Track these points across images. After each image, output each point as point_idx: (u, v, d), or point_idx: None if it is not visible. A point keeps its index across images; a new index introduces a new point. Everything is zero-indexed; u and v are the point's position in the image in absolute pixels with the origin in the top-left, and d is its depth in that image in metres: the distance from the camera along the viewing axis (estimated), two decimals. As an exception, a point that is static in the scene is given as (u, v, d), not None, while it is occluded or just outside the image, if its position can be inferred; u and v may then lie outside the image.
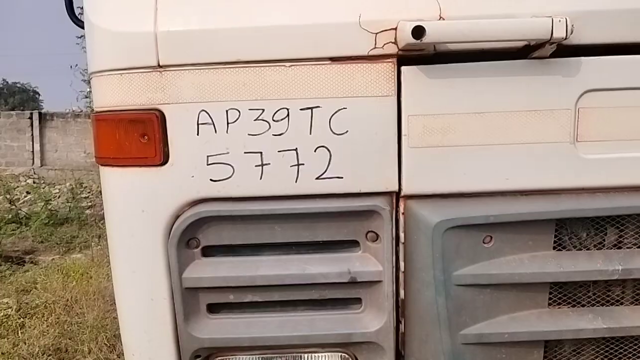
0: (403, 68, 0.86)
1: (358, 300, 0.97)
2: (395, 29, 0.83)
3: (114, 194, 0.97)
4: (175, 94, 0.89)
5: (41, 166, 15.60)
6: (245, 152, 0.90)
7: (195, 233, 0.94)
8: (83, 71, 17.56)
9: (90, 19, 0.93)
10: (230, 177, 0.91)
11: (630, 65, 0.85)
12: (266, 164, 0.89)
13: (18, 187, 12.54)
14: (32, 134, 15.15)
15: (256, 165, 0.90)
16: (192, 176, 0.91)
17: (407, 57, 0.86)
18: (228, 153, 0.90)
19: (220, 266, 0.95)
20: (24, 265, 6.87)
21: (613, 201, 0.90)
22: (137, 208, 0.94)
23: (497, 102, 0.87)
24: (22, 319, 4.63)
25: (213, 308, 0.98)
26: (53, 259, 7.30)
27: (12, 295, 5.32)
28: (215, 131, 0.89)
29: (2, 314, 4.71)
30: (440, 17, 0.83)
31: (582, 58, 0.86)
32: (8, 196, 9.39)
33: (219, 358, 0.99)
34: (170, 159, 0.91)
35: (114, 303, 1.28)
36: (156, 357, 0.98)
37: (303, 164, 0.90)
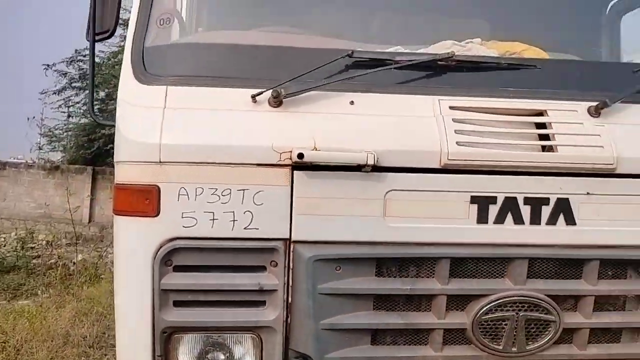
0: (295, 171, 1.60)
1: (264, 302, 1.65)
2: (290, 152, 1.58)
3: (124, 232, 1.64)
4: (167, 177, 1.58)
5: (-14, 214, 15.42)
6: (204, 212, 1.60)
7: (170, 257, 1.61)
8: (41, 125, 17.85)
9: (121, 130, 1.64)
10: (194, 225, 1.60)
11: (405, 179, 1.62)
12: (216, 219, 1.59)
13: (-37, 233, 12.42)
14: (-19, 182, 15.05)
15: (209, 219, 1.60)
16: (172, 224, 1.60)
17: (296, 166, 1.60)
18: (194, 212, 1.60)
19: (184, 278, 1.63)
20: (-30, 309, 7.01)
21: (406, 249, 1.65)
22: (138, 240, 1.61)
23: (342, 192, 1.62)
24: (-27, 356, 4.93)
25: (176, 303, 1.64)
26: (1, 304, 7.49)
27: (-37, 336, 5.55)
28: (188, 199, 1.59)
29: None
30: (315, 148, 1.58)
31: (388, 173, 1.62)
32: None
33: (177, 334, 1.65)
34: (161, 213, 1.59)
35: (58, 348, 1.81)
36: (140, 332, 1.62)
37: (237, 220, 1.60)
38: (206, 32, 2.05)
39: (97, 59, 14.56)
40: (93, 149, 14.50)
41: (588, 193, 1.66)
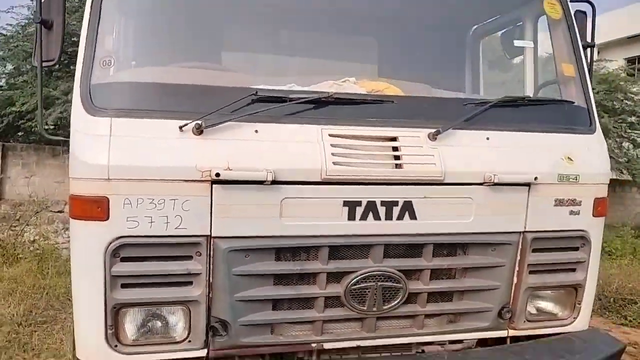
0: (213, 185, 2.14)
1: (191, 282, 2.20)
2: (210, 171, 2.12)
3: (81, 232, 2.12)
4: (115, 191, 2.07)
5: None
6: (144, 216, 2.11)
7: (118, 251, 2.11)
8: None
9: (77, 154, 2.10)
10: (136, 227, 2.11)
11: (296, 189, 2.22)
12: (153, 222, 2.11)
13: None
14: None
15: (148, 222, 2.11)
16: (119, 226, 2.10)
17: (215, 181, 2.14)
18: (136, 216, 2.10)
19: (129, 266, 2.14)
20: None
21: (296, 241, 2.26)
22: (92, 238, 2.10)
23: (249, 200, 2.19)
24: None
25: (123, 285, 2.15)
26: None
27: None
28: (131, 207, 2.09)
29: None
30: (228, 168, 2.13)
31: (283, 185, 2.21)
32: None
33: (124, 309, 2.17)
34: (110, 217, 2.09)
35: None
36: (95, 309, 2.12)
37: (169, 222, 2.13)
38: (145, 68, 2.49)
39: (5, 32, 13.92)
40: (3, 124, 13.91)
41: (425, 197, 2.34)
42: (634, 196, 17.52)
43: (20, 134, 15.50)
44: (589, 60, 3.00)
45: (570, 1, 2.96)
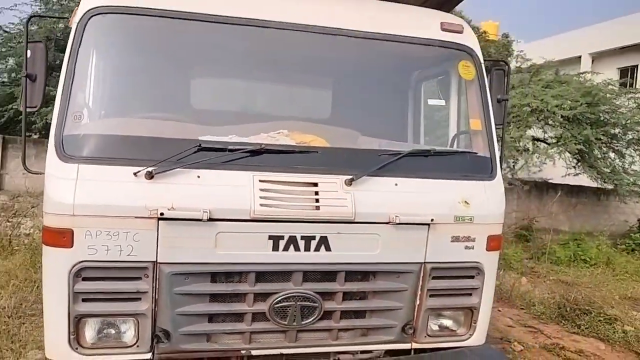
0: (160, 221, 2.63)
1: (140, 298, 2.69)
2: (157, 210, 2.60)
3: (49, 257, 2.62)
4: (78, 224, 2.56)
5: None
6: (101, 245, 2.60)
7: (80, 272, 2.59)
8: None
9: (49, 193, 2.59)
10: (95, 253, 2.59)
11: (229, 225, 2.71)
12: (109, 250, 2.60)
13: None
14: None
15: (105, 250, 2.59)
16: (81, 252, 2.59)
17: (160, 218, 2.63)
18: (95, 245, 2.59)
19: (89, 285, 2.63)
20: None
21: (228, 267, 2.75)
22: (59, 262, 2.60)
23: (189, 233, 2.68)
24: None
25: (84, 299, 2.64)
26: None
27: None
28: (92, 237, 2.58)
29: None
30: (172, 208, 2.62)
31: (218, 222, 2.70)
32: None
33: (84, 319, 2.66)
34: (74, 245, 2.58)
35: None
36: (60, 319, 2.62)
37: (123, 250, 2.61)
38: (108, 121, 2.98)
39: (7, 30, 14.39)
40: (4, 118, 14.44)
41: (339, 232, 2.83)
42: (618, 205, 18.01)
43: (19, 128, 15.94)
44: (504, 112, 3.47)
45: (489, 60, 3.44)
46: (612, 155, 16.06)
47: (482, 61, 3.32)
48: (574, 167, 16.25)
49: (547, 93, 14.24)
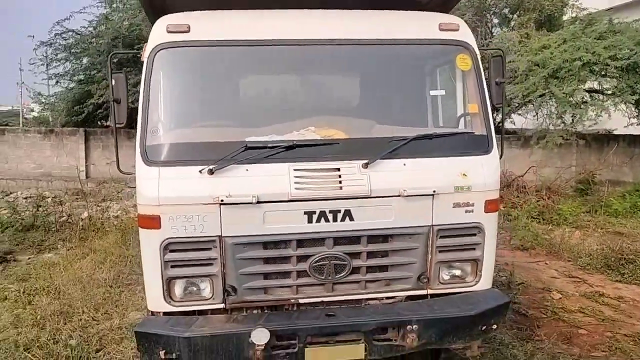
0: (221, 206, 3.48)
1: (212, 263, 3.57)
2: (219, 197, 3.47)
3: (145, 236, 3.56)
4: (163, 211, 3.47)
5: (-8, 175, 17.08)
6: (181, 225, 3.49)
7: (167, 246, 3.52)
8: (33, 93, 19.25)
9: (141, 190, 3.52)
10: (177, 232, 3.50)
11: (273, 205, 3.54)
12: (187, 229, 3.49)
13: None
14: (-16, 146, 16.60)
15: (184, 229, 3.48)
16: (166, 232, 3.51)
17: (222, 203, 3.49)
18: (176, 226, 3.48)
19: (175, 255, 3.54)
20: (9, 263, 9.06)
21: (275, 237, 3.60)
22: (152, 239, 3.53)
23: (243, 214, 3.53)
24: (29, 297, 6.99)
25: (172, 266, 3.56)
26: (29, 257, 9.51)
27: (14, 283, 7.60)
28: (173, 220, 3.48)
29: (13, 296, 7.02)
30: (229, 195, 3.48)
31: (264, 203, 3.53)
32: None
33: (173, 280, 3.58)
34: (161, 227, 3.50)
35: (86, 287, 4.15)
36: (155, 280, 3.56)
37: (196, 229, 3.49)
38: (176, 131, 3.83)
39: (79, 32, 15.80)
40: (83, 114, 16.02)
41: (359, 206, 3.60)
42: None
43: (101, 120, 17.62)
44: (503, 92, 4.07)
45: (487, 48, 4.03)
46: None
47: (477, 53, 3.92)
48: (636, 117, 15.92)
49: (600, 45, 13.95)
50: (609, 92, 15.07)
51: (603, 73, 14.34)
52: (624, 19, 17.24)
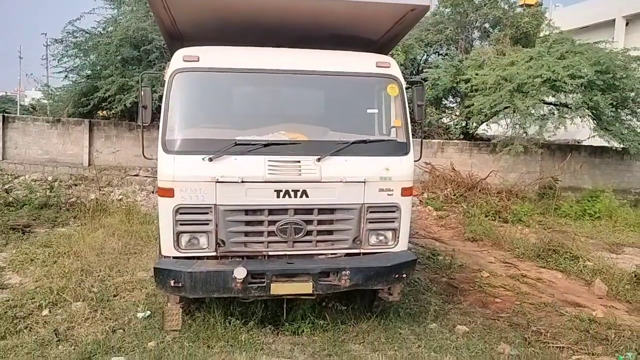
0: (217, 184, 5.05)
1: (208, 223, 5.13)
2: (215, 177, 5.04)
3: (162, 203, 5.13)
4: (176, 185, 5.03)
5: (2, 160, 18.51)
6: (188, 195, 5.07)
7: (178, 210, 5.07)
8: (42, 85, 20.66)
9: (161, 170, 5.08)
10: (186, 200, 5.05)
11: (252, 184, 5.13)
12: (192, 198, 5.05)
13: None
14: (-5, 133, 18.01)
15: (190, 198, 5.05)
16: (179, 199, 5.06)
17: (217, 182, 5.05)
18: (185, 196, 5.04)
19: (184, 217, 5.09)
20: (30, 233, 10.59)
21: (253, 207, 5.19)
22: (168, 205, 5.07)
23: (232, 190, 5.12)
24: (54, 259, 8.52)
25: (181, 224, 5.12)
26: (46, 230, 11.01)
27: (39, 248, 9.11)
28: (183, 192, 5.05)
29: (40, 258, 8.54)
30: (222, 176, 5.05)
31: (247, 183, 5.11)
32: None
33: (180, 234, 5.16)
34: (174, 196, 5.04)
35: (100, 254, 5.99)
36: (168, 233, 5.11)
37: (199, 198, 5.08)
38: (187, 130, 5.31)
39: (89, 27, 17.25)
40: (89, 106, 17.48)
41: (313, 188, 5.18)
42: (640, 163, 19.28)
43: (105, 111, 19.10)
44: (423, 112, 5.69)
45: (411, 80, 5.65)
46: (624, 117, 17.29)
47: (403, 83, 5.53)
48: (594, 129, 17.54)
49: (560, 64, 15.54)
50: (571, 106, 16.73)
51: (562, 89, 15.98)
52: (595, 39, 18.90)
